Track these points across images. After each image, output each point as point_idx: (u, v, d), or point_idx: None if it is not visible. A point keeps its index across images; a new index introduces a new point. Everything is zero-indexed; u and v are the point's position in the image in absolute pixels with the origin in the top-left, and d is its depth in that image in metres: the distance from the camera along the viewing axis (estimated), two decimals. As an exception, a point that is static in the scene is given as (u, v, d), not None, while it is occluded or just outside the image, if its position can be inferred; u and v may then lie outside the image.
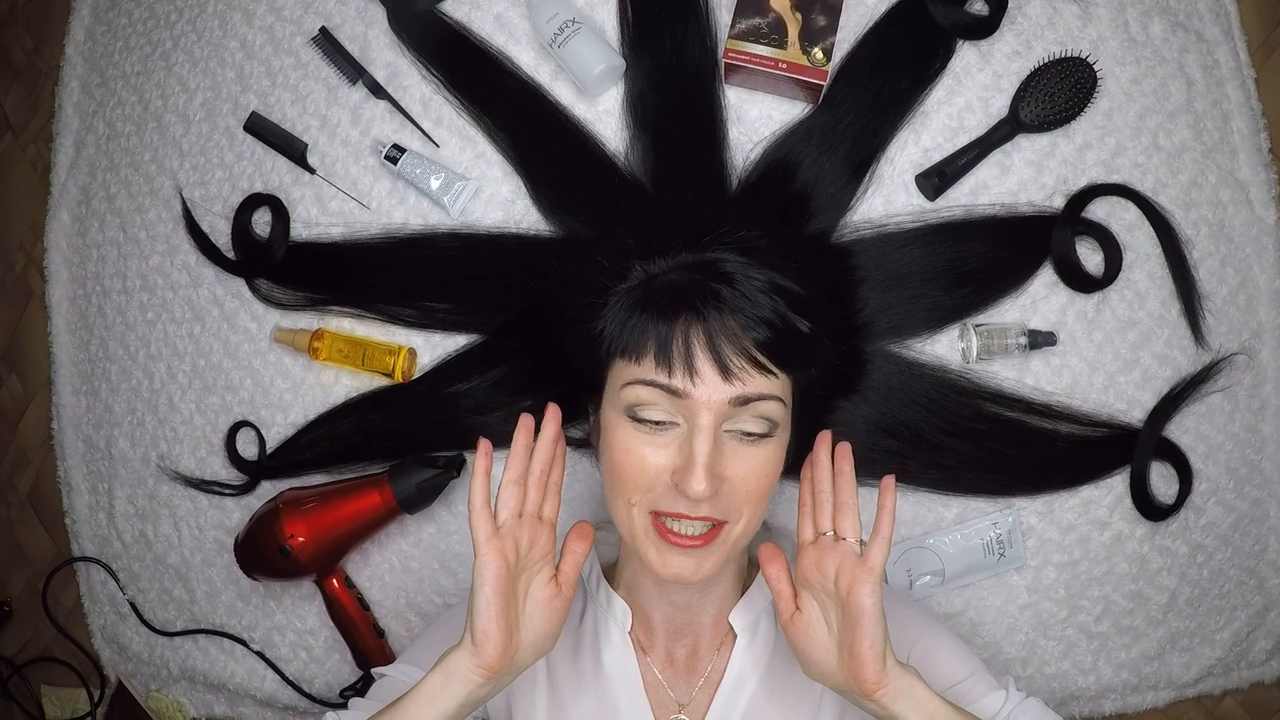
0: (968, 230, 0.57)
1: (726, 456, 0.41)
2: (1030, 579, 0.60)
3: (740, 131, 0.59)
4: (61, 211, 0.71)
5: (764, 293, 0.41)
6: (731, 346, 0.40)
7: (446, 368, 0.60)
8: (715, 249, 0.44)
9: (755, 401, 0.41)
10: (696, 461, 0.39)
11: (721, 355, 0.40)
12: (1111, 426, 0.59)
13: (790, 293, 0.42)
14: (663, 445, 0.41)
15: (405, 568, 0.63)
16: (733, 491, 0.41)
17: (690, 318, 0.41)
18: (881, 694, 0.38)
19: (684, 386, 0.40)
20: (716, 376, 0.40)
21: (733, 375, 0.40)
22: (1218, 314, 0.60)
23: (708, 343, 0.40)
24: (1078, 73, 0.58)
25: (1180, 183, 0.60)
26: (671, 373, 0.40)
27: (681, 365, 0.40)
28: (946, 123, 0.59)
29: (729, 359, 0.40)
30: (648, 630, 0.48)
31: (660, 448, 0.41)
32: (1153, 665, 0.61)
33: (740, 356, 0.40)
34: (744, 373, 0.40)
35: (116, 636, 0.70)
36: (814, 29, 0.56)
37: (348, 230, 0.63)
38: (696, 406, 0.40)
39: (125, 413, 0.69)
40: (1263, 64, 0.63)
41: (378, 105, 0.63)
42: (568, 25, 0.57)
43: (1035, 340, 0.58)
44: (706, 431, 0.40)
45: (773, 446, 0.42)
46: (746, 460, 0.41)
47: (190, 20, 0.68)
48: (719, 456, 0.40)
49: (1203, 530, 0.60)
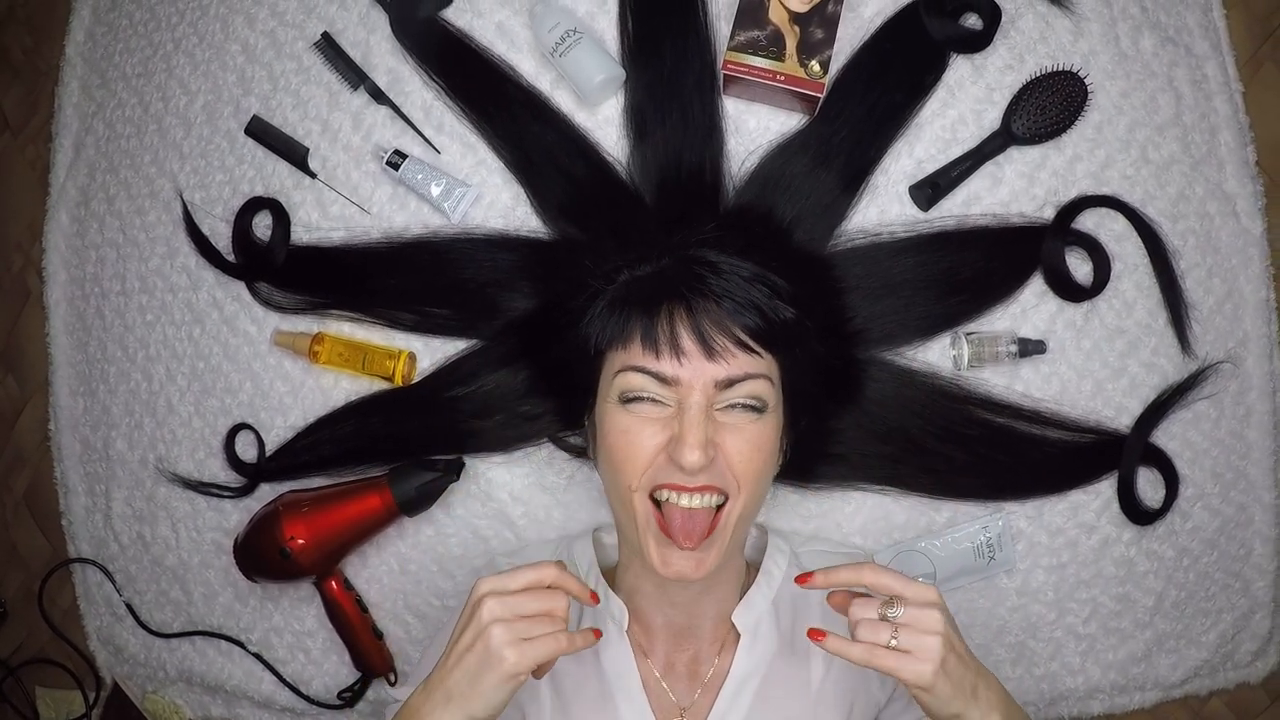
0: (960, 240, 0.60)
1: (720, 430, 0.43)
2: (1020, 582, 0.62)
3: (738, 142, 0.62)
4: (60, 212, 0.72)
5: (748, 280, 0.44)
6: (716, 328, 0.43)
7: (446, 372, 0.62)
8: (699, 248, 0.46)
9: (742, 382, 0.43)
10: (689, 433, 0.41)
11: (706, 336, 0.42)
12: (1099, 432, 0.61)
13: (774, 282, 0.45)
14: (656, 426, 0.43)
15: (404, 570, 0.65)
16: (728, 464, 0.43)
17: (675, 304, 0.43)
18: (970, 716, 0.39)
19: (672, 369, 0.43)
20: (702, 357, 0.43)
21: (718, 355, 0.42)
22: (1204, 323, 0.62)
23: (693, 325, 0.43)
24: (1069, 86, 0.61)
25: (1168, 194, 0.63)
26: (659, 355, 0.43)
27: (668, 347, 0.43)
28: (940, 135, 0.62)
29: (714, 339, 0.42)
30: (648, 634, 0.50)
31: (654, 428, 0.43)
32: (1140, 666, 0.63)
33: (725, 336, 0.43)
34: (728, 353, 0.43)
35: (113, 638, 0.71)
36: (811, 42, 0.58)
37: (349, 235, 0.65)
38: (686, 387, 0.43)
39: (123, 414, 0.70)
40: (1250, 78, 0.65)
41: (379, 111, 0.65)
42: (569, 35, 0.60)
43: (1025, 348, 0.60)
44: (698, 407, 0.42)
45: (765, 423, 0.44)
46: (740, 433, 0.43)
47: (192, 23, 0.69)
48: (712, 429, 0.42)
49: (1189, 534, 0.63)
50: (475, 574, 0.63)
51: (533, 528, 0.63)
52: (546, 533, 0.63)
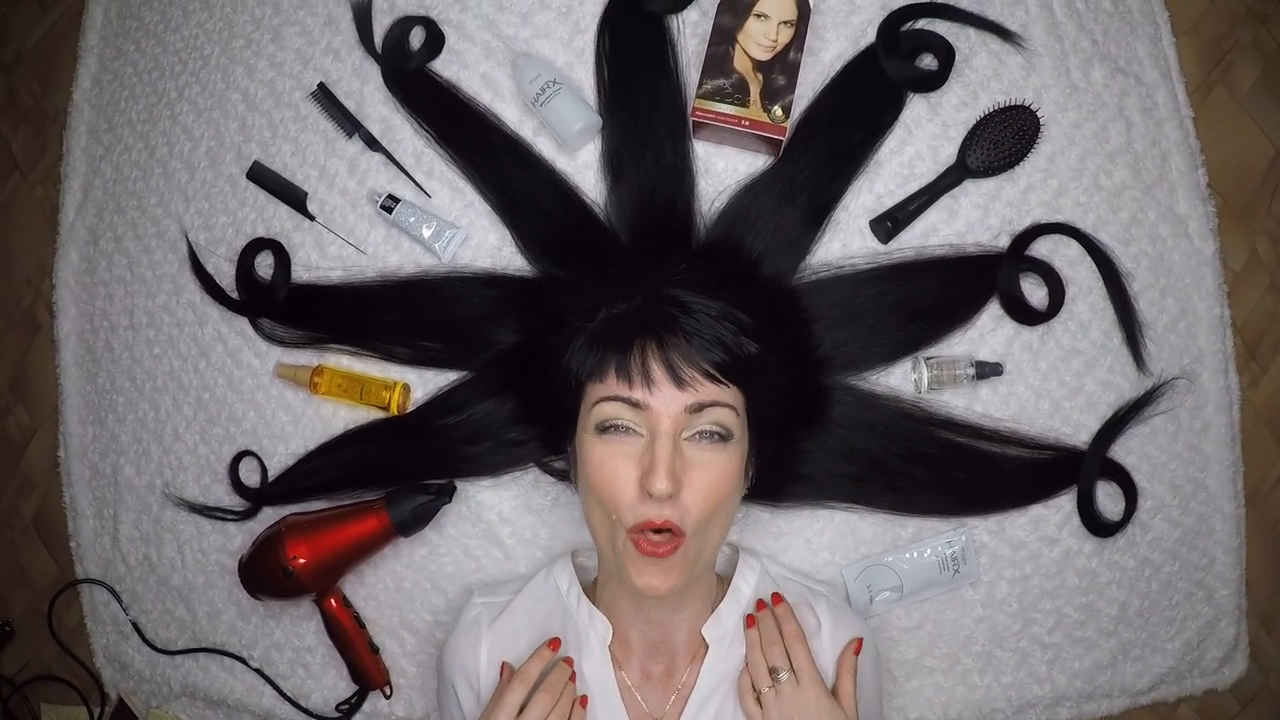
0: (919, 270, 0.64)
1: (687, 462, 0.47)
2: (984, 593, 0.66)
3: (708, 183, 0.66)
4: (70, 250, 0.76)
5: (716, 319, 0.49)
6: (685, 361, 0.47)
7: (439, 401, 0.66)
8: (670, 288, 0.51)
9: (709, 408, 0.47)
10: (659, 463, 0.46)
11: (675, 368, 0.47)
12: (1058, 449, 0.65)
13: (739, 320, 0.49)
14: (630, 456, 0.47)
15: (399, 587, 0.69)
16: (694, 498, 0.47)
17: (647, 339, 0.48)
18: None
19: (643, 397, 0.47)
20: (672, 386, 0.47)
21: (686, 385, 0.47)
22: (1158, 341, 0.66)
23: (663, 358, 0.47)
24: (1021, 119, 0.65)
25: (1120, 219, 0.66)
26: (632, 385, 0.47)
27: (640, 378, 0.47)
28: (898, 171, 0.66)
29: (682, 370, 0.47)
30: (625, 648, 0.54)
31: (628, 459, 0.47)
32: (1106, 674, 0.66)
33: (693, 369, 0.47)
34: (696, 382, 0.47)
35: (118, 655, 0.75)
36: (774, 88, 0.63)
37: (346, 273, 0.69)
38: (656, 415, 0.47)
39: (131, 442, 0.74)
40: (1201, 103, 0.70)
41: (373, 157, 0.70)
42: (549, 85, 0.65)
43: (983, 371, 0.64)
44: (667, 436, 0.47)
45: (729, 454, 0.48)
46: (705, 467, 0.48)
47: (194, 72, 0.74)
48: (679, 461, 0.47)
49: (1150, 545, 0.66)
50: (466, 591, 0.67)
51: (520, 547, 0.67)
52: (534, 551, 0.67)
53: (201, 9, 0.75)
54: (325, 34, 0.72)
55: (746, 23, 0.64)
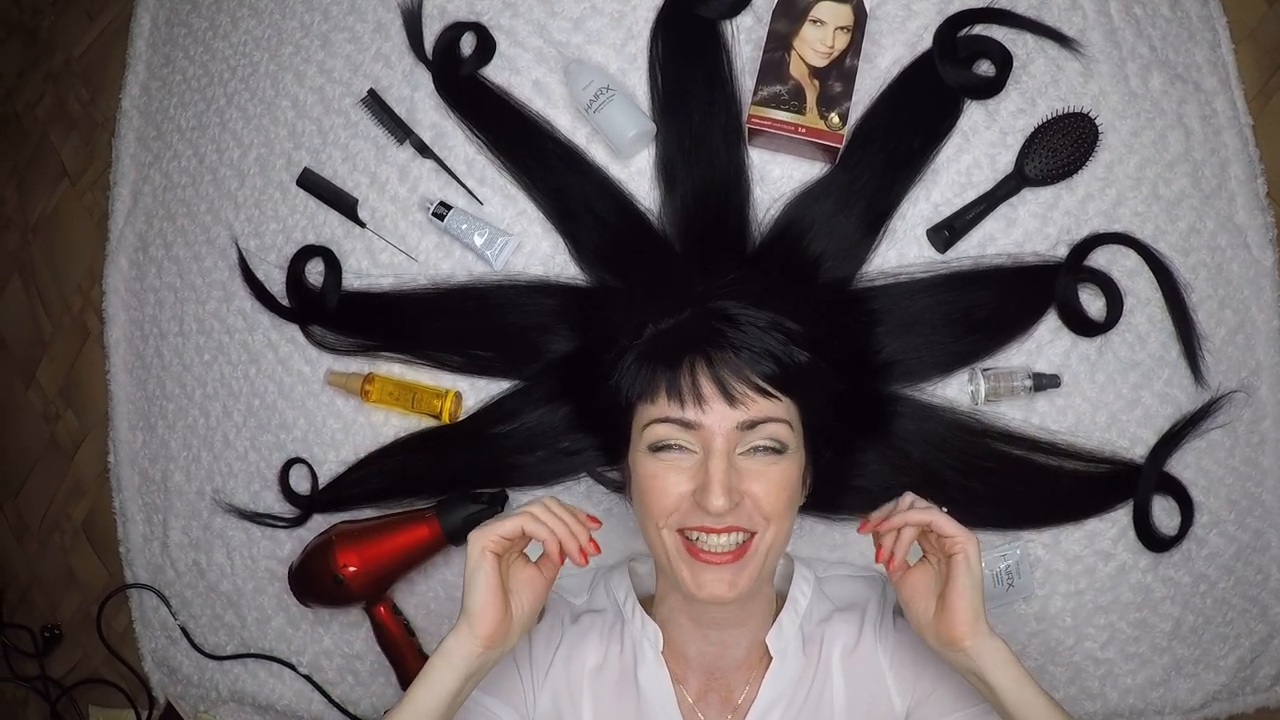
0: (976, 280, 0.64)
1: (744, 475, 0.47)
2: (1038, 608, 0.66)
3: (764, 191, 0.66)
4: (120, 257, 0.78)
5: (765, 330, 0.48)
6: (735, 376, 0.47)
7: (490, 410, 0.67)
8: (719, 300, 0.50)
9: (762, 424, 0.47)
10: (713, 479, 0.45)
11: (726, 385, 0.47)
12: (1114, 462, 0.64)
13: (789, 328, 0.49)
14: (683, 472, 0.47)
15: (450, 596, 0.69)
16: (755, 507, 0.47)
17: (696, 357, 0.47)
18: (970, 644, 0.44)
19: (695, 416, 0.46)
20: (723, 404, 0.46)
21: (738, 401, 0.46)
22: (1216, 353, 0.65)
23: (713, 375, 0.47)
24: (1080, 127, 0.65)
25: (1179, 229, 0.66)
26: (684, 405, 0.47)
27: (691, 397, 0.46)
28: (955, 179, 0.66)
29: (733, 387, 0.47)
30: (683, 664, 0.53)
31: (681, 474, 0.47)
32: (1159, 691, 0.66)
33: (743, 384, 0.47)
34: (748, 398, 0.47)
35: (167, 659, 0.76)
36: (831, 95, 0.63)
37: (397, 281, 0.70)
38: (709, 433, 0.46)
39: (181, 448, 0.75)
40: (1260, 111, 0.69)
41: (424, 164, 0.70)
42: (602, 92, 0.65)
43: (1040, 383, 0.64)
44: (720, 454, 0.46)
45: (787, 464, 0.48)
46: (763, 476, 0.47)
47: (243, 79, 0.75)
48: (735, 475, 0.46)
49: (1205, 560, 0.65)
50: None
51: (571, 556, 0.68)
52: (583, 561, 0.68)
53: (250, 16, 0.76)
54: (375, 40, 0.72)
55: (802, 28, 0.64)
